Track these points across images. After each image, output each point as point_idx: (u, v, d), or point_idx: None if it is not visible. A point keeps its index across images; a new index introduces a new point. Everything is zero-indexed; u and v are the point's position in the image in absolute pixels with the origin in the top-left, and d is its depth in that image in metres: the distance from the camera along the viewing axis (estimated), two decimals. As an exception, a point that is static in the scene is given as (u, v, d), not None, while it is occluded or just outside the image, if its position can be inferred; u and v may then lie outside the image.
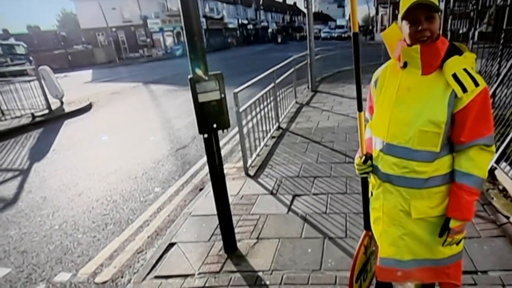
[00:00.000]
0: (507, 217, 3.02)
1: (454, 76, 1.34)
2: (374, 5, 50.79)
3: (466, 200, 1.43)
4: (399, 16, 1.42)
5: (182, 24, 2.41)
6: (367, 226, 1.86)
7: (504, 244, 2.71)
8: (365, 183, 1.81)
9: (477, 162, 1.42)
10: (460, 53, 1.41)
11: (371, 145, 1.68)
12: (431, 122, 1.39)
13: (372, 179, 1.71)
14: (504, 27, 5.93)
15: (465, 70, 1.35)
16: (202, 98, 2.54)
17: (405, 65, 1.46)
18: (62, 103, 10.75)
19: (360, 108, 1.69)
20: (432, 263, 1.59)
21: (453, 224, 1.46)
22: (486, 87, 1.37)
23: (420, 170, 1.45)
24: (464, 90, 1.32)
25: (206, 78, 2.48)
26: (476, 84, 1.33)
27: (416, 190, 1.49)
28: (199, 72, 2.45)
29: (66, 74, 23.22)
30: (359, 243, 1.91)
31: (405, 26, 1.40)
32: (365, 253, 1.94)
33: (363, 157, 1.68)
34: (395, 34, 1.52)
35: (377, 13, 49.18)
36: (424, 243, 1.56)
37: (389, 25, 1.71)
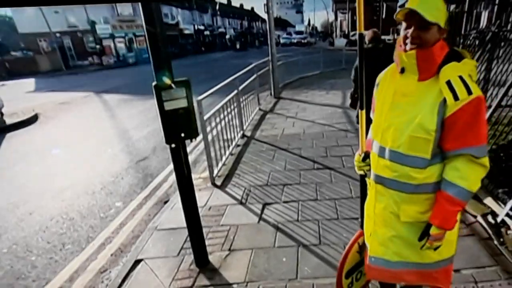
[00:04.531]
0: (475, 216, 3.26)
1: (448, 83, 1.36)
2: (332, 10, 52.79)
3: (446, 209, 1.46)
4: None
5: (144, 29, 2.37)
6: (363, 225, 1.95)
7: (474, 242, 2.93)
8: (363, 182, 1.90)
9: (462, 172, 1.42)
10: (459, 59, 1.42)
11: (371, 145, 1.76)
12: (422, 128, 1.41)
13: (368, 180, 1.79)
14: (463, 32, 6.42)
15: (460, 77, 1.36)
16: (168, 106, 2.54)
17: (402, 70, 1.51)
18: (2, 114, 10.13)
19: (362, 106, 1.74)
20: (420, 267, 1.64)
21: (432, 230, 1.50)
22: (481, 96, 1.35)
23: (412, 176, 1.50)
24: (456, 98, 1.34)
25: (173, 85, 2.49)
26: (469, 93, 1.33)
27: (407, 194, 1.54)
28: (167, 79, 2.45)
29: (3, 83, 21.98)
30: (352, 240, 2.00)
31: (402, 27, 1.47)
32: (359, 253, 2.02)
33: (363, 154, 1.78)
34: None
35: (336, 18, 51.12)
36: (413, 246, 1.60)
37: (348, 31, 1.78)
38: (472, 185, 1.44)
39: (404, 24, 1.45)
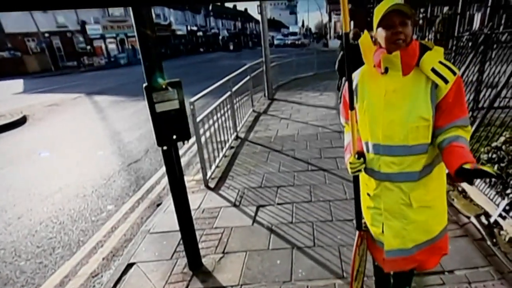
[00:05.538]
0: (468, 217, 3.31)
1: (433, 70, 1.51)
2: (326, 12, 53.04)
3: (464, 151, 1.47)
4: (375, 24, 1.59)
5: (134, 28, 2.37)
6: (359, 226, 2.01)
7: (467, 243, 2.97)
8: (356, 182, 1.93)
9: (459, 133, 1.57)
10: (429, 49, 1.58)
11: (361, 145, 1.84)
12: (421, 118, 1.56)
13: (367, 181, 1.86)
14: (456, 34, 6.50)
15: (440, 62, 1.53)
16: (159, 108, 2.55)
17: (386, 70, 1.63)
18: (-11, 116, 10.08)
19: (352, 107, 1.74)
20: (429, 243, 1.80)
21: (467, 165, 1.39)
22: (459, 74, 1.55)
23: (420, 162, 1.64)
24: (446, 81, 1.50)
25: (166, 87, 2.50)
26: (454, 73, 1.51)
27: (414, 182, 1.68)
28: (160, 80, 2.46)
29: (-11, 84, 21.74)
30: (354, 245, 2.04)
31: (381, 32, 1.58)
32: (359, 254, 2.07)
33: (356, 154, 1.81)
34: (367, 42, 1.70)
35: (330, 20, 51.32)
36: (425, 227, 1.76)
37: (342, 32, 1.80)
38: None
39: (380, 29, 1.57)
